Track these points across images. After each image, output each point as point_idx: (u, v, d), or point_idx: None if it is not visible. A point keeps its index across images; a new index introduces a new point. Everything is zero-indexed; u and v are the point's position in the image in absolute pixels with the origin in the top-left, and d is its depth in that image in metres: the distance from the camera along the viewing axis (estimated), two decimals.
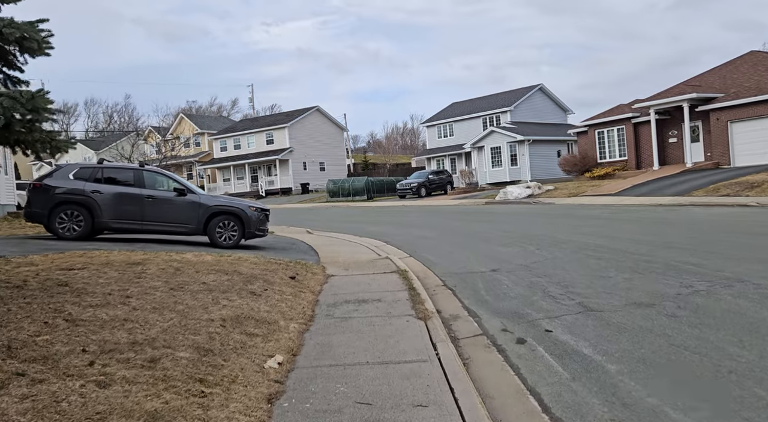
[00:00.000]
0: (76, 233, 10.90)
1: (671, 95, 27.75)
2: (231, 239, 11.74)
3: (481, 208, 25.49)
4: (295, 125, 50.72)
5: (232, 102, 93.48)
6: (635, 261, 8.88)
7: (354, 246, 13.74)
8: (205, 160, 55.31)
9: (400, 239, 14.64)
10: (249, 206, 12.00)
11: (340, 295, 7.67)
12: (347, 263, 10.60)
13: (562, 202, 24.50)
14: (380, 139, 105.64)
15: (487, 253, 11.25)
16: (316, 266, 10.00)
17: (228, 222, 11.74)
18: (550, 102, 45.95)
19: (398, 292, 7.78)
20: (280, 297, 6.89)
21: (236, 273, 7.69)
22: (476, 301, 7.34)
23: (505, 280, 8.44)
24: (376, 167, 64.59)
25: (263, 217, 12.21)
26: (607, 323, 5.69)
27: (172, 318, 4.95)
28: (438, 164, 46.43)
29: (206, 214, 11.60)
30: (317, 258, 11.43)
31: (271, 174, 50.90)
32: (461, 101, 50.21)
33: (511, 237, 13.34)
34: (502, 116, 42.88)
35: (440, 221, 19.67)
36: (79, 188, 10.99)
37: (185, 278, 6.82)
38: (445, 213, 23.23)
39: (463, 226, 17.18)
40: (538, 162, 37.18)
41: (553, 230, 14.13)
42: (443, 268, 9.99)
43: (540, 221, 16.96)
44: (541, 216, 18.88)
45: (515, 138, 36.79)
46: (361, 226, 19.39)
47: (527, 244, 11.95)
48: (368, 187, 39.81)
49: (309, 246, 13.56)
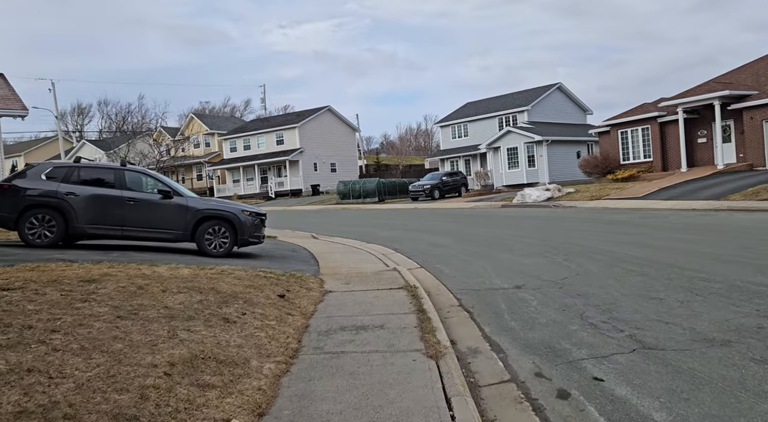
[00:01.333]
0: (47, 239, 9.79)
1: (701, 93, 26.13)
2: (222, 246, 10.56)
3: (498, 211, 24.11)
4: (306, 125, 49.64)
5: (245, 103, 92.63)
6: (688, 279, 7.51)
7: (359, 254, 12.50)
8: (215, 161, 54.47)
9: (410, 246, 13.37)
10: (242, 210, 10.81)
11: (335, 319, 6.42)
12: (349, 276, 9.35)
13: (584, 206, 23.04)
14: (394, 140, 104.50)
15: (508, 265, 9.93)
16: (313, 279, 8.77)
17: (218, 228, 10.56)
18: (568, 101, 44.35)
19: (405, 315, 6.50)
20: (261, 324, 5.65)
21: (213, 292, 6.47)
22: (499, 328, 6.05)
23: (533, 300, 7.13)
24: (389, 169, 63.35)
25: (258, 222, 11.02)
26: (675, 369, 4.36)
27: (100, 363, 3.73)
28: (452, 166, 45.05)
29: (194, 219, 10.44)
30: (316, 269, 10.20)
31: (281, 175, 49.86)
32: (476, 101, 48.79)
33: (533, 245, 12.00)
34: (518, 115, 41.39)
35: (454, 225, 18.36)
36: (51, 189, 9.88)
37: (145, 300, 5.61)
38: (460, 217, 21.90)
39: (480, 232, 15.86)
40: (556, 164, 35.67)
41: (580, 238, 12.75)
42: (458, 282, 8.70)
43: (563, 227, 15.57)
44: (564, 221, 17.47)
45: (533, 138, 35.32)
46: (370, 230, 18.16)
47: (553, 254, 10.61)
48: (379, 189, 38.56)
49: (310, 254, 12.34)
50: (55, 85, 60.71)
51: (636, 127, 29.61)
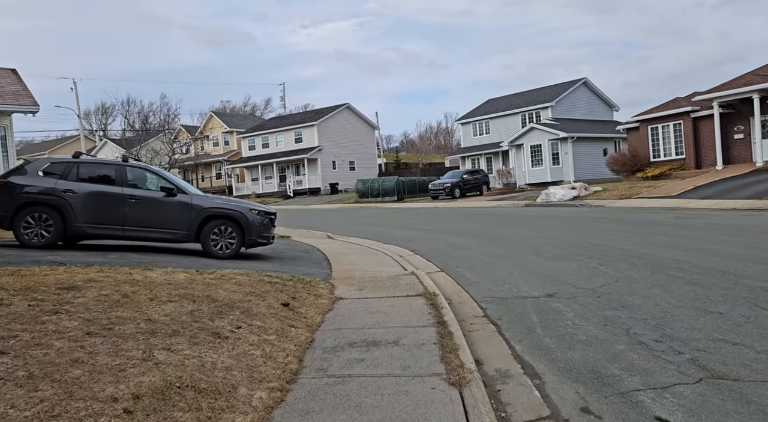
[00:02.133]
0: (44, 240, 9.23)
1: (738, 86, 24.77)
2: (228, 247, 9.90)
3: (522, 211, 23.14)
4: (325, 123, 49.06)
5: (265, 102, 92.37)
6: (749, 289, 6.59)
7: (376, 256, 11.75)
8: (234, 159, 54.25)
9: (429, 248, 12.57)
10: (250, 209, 10.13)
11: (344, 332, 5.67)
12: (363, 280, 8.60)
13: (613, 205, 21.94)
14: (413, 138, 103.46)
15: (536, 269, 9.08)
16: (323, 284, 8.04)
17: (225, 228, 9.90)
18: (594, 97, 42.96)
19: (423, 328, 5.73)
20: (258, 339, 4.93)
21: (207, 300, 5.78)
22: (532, 346, 5.23)
23: (568, 311, 6.29)
24: (408, 167, 62.50)
25: (267, 222, 10.33)
26: (760, 409, 3.51)
27: (45, 398, 3.03)
28: (473, 164, 44.02)
29: (199, 218, 9.79)
30: (328, 272, 9.48)
31: (300, 173, 49.37)
32: (498, 97, 47.63)
33: (563, 248, 11.11)
34: (542, 111, 40.19)
35: (476, 225, 17.49)
36: (48, 186, 9.31)
37: (127, 311, 4.92)
38: (482, 216, 21.00)
39: (503, 232, 14.97)
40: (582, 161, 34.44)
41: (614, 239, 11.81)
42: (483, 289, 7.89)
43: (594, 228, 14.61)
44: (593, 222, 16.48)
45: (557, 135, 34.14)
46: (388, 230, 17.40)
47: (586, 257, 9.72)
48: (399, 187, 37.75)
49: (323, 255, 11.63)
50: (77, 84, 61.28)
51: (667, 122, 28.29)
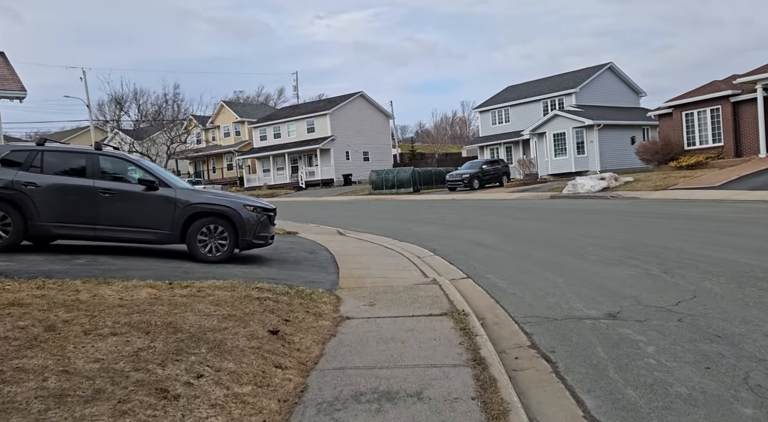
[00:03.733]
0: (2, 242, 7.89)
1: None
2: (219, 249, 8.48)
3: (548, 203, 21.47)
4: (338, 112, 47.50)
5: (279, 92, 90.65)
6: None
7: (390, 257, 10.27)
8: (245, 150, 52.99)
9: (451, 247, 11.07)
10: (244, 205, 8.69)
11: (349, 373, 4.21)
12: (375, 291, 7.14)
13: (648, 196, 20.19)
14: (429, 128, 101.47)
15: (584, 276, 7.53)
16: (326, 297, 6.59)
17: (214, 227, 8.48)
18: (620, 83, 40.80)
19: (455, 370, 4.25)
20: (225, 396, 3.48)
21: (168, 331, 4.34)
22: (610, 402, 3.72)
23: (645, 343, 4.76)
24: (424, 157, 60.76)
25: (265, 219, 8.88)
26: None
27: None
28: (492, 153, 42.22)
29: (184, 215, 8.38)
30: (335, 278, 8.02)
31: (312, 164, 47.96)
32: (518, 84, 45.64)
33: (609, 248, 9.52)
34: (565, 98, 38.21)
35: (500, 220, 15.92)
36: (6, 178, 7.95)
37: (40, 356, 3.50)
38: (505, 210, 19.40)
39: (533, 228, 13.39)
40: (608, 150, 32.52)
41: (666, 238, 10.19)
42: (522, 304, 6.38)
43: (636, 223, 12.97)
44: (633, 216, 14.82)
45: (583, 123, 32.23)
46: (404, 225, 15.91)
47: (642, 262, 8.13)
48: (414, 178, 36.15)
49: (331, 257, 10.19)
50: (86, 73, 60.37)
51: (704, 108, 26.29)
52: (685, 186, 20.91)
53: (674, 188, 20.91)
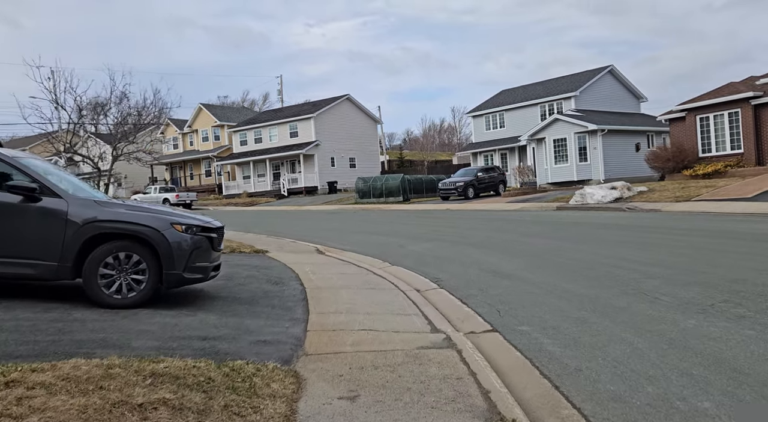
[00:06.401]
0: None
1: None
2: (132, 289, 5.81)
3: (557, 216, 19.03)
4: (322, 116, 44.89)
5: (264, 97, 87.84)
6: None
7: (381, 293, 7.64)
8: (224, 155, 50.10)
9: (459, 275, 8.50)
10: (171, 223, 6.02)
11: None
12: (360, 362, 4.51)
13: (671, 209, 17.83)
14: (417, 136, 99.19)
15: (678, 338, 4.97)
16: (280, 378, 3.96)
17: (126, 255, 5.81)
18: (621, 87, 38.76)
19: None
20: None
21: None
22: None
23: None
24: (413, 165, 58.39)
25: (205, 243, 6.22)
26: None
27: None
28: (486, 160, 39.88)
29: (80, 238, 5.71)
30: (300, 332, 5.39)
31: (295, 171, 45.21)
32: (513, 88, 43.42)
33: (679, 282, 6.98)
34: (564, 102, 36.02)
35: (510, 236, 13.39)
36: None
37: None
38: (511, 223, 16.89)
39: (554, 248, 10.83)
40: (612, 158, 30.31)
41: (748, 266, 7.69)
42: (602, 396, 3.79)
43: (690, 244, 10.50)
44: (672, 234, 12.39)
45: (585, 128, 29.99)
46: (395, 241, 13.32)
47: (755, 310, 5.61)
48: (404, 186, 33.61)
49: (301, 291, 7.55)
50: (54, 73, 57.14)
51: (721, 111, 24.14)
52: (711, 197, 18.59)
53: (699, 200, 18.59)
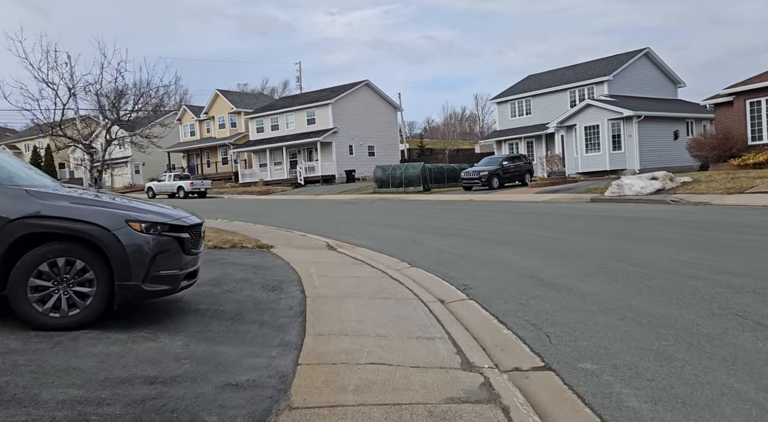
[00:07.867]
0: None
1: None
2: (74, 304, 4.48)
3: (592, 208, 17.34)
4: (340, 102, 43.41)
5: (283, 84, 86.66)
6: None
7: (396, 305, 6.20)
8: (240, 142, 49.01)
9: (492, 282, 7.01)
10: (128, 220, 4.65)
11: None
12: (363, 417, 3.09)
13: (723, 202, 16.03)
14: (438, 124, 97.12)
15: None
16: None
17: (67, 261, 4.48)
18: (657, 71, 36.48)
19: None
20: None
21: None
22: None
23: None
24: (434, 153, 56.72)
25: (173, 246, 4.85)
26: None
27: None
28: (511, 149, 38.06)
29: (6, 239, 4.38)
30: (290, 365, 3.97)
31: (312, 159, 43.92)
32: (540, 73, 41.37)
33: None
34: (596, 87, 33.97)
35: (546, 232, 11.82)
36: None
37: None
38: (543, 217, 15.30)
39: (603, 248, 9.24)
40: (648, 146, 28.30)
41: None
42: None
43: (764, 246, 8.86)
44: (736, 231, 10.71)
45: (620, 114, 28.01)
46: (414, 236, 11.88)
47: None
48: (425, 176, 32.04)
49: (301, 300, 6.17)
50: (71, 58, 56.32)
51: None
52: (766, 189, 16.73)
53: (753, 192, 16.74)
